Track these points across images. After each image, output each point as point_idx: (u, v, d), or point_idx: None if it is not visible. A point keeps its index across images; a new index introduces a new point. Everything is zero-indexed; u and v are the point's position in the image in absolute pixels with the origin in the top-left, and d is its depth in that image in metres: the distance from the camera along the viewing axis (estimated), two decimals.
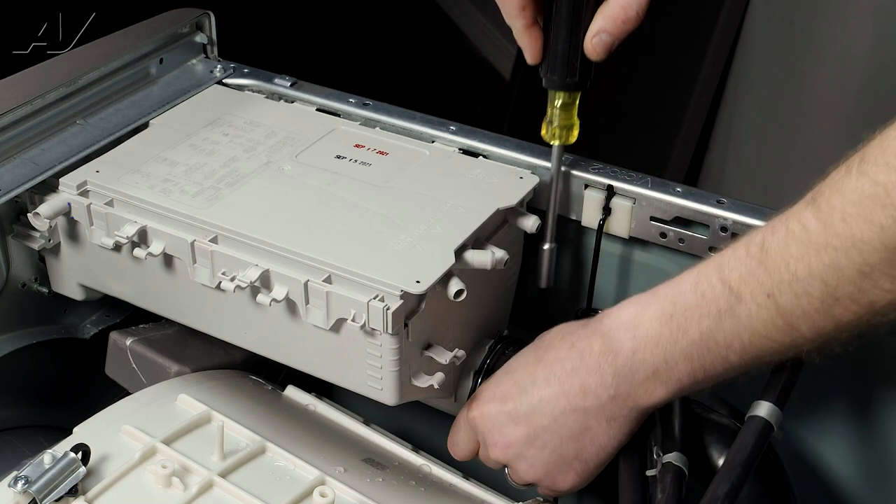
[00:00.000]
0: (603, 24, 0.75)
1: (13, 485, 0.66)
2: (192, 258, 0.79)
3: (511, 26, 0.77)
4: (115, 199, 0.82)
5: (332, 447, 0.78)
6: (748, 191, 1.84)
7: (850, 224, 0.58)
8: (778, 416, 0.68)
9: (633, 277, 0.88)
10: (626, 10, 0.74)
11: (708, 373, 0.67)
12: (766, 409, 0.68)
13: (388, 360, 0.74)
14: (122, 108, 0.93)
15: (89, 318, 0.96)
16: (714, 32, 1.82)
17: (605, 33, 0.75)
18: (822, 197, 0.60)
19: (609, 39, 0.75)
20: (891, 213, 0.56)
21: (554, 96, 0.80)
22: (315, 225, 0.78)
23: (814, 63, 1.63)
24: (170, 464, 0.70)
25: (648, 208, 0.83)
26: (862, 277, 0.58)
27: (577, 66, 0.78)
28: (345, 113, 0.94)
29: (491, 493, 0.80)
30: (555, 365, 0.73)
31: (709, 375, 0.67)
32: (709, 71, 1.86)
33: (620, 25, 0.75)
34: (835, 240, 0.58)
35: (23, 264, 0.89)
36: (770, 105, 1.77)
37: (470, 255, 0.77)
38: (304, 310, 0.76)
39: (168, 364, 0.85)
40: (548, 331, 0.78)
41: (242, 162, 0.86)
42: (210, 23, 1.00)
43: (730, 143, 1.88)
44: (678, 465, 0.70)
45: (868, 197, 0.57)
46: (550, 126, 0.81)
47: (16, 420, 0.92)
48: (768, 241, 0.62)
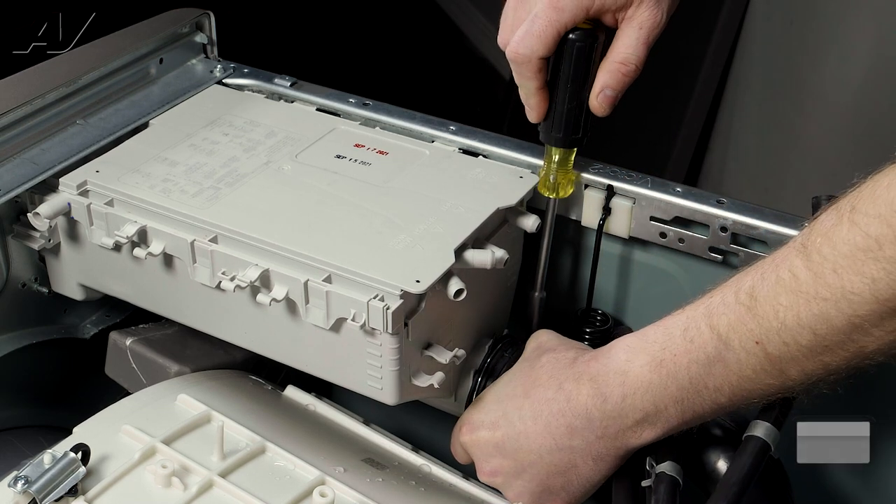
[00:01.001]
0: (606, 79, 0.77)
1: (13, 485, 0.66)
2: (192, 258, 0.79)
3: (521, 86, 0.79)
4: (115, 199, 0.82)
5: (332, 447, 0.78)
6: (748, 191, 1.84)
7: (841, 276, 0.58)
8: (775, 437, 0.68)
9: (633, 277, 0.88)
10: (626, 64, 0.77)
11: (697, 414, 0.68)
12: (764, 429, 0.68)
13: (388, 359, 0.74)
14: (122, 108, 0.93)
15: (89, 318, 0.96)
16: (714, 32, 1.82)
17: (609, 89, 0.77)
18: (813, 246, 0.59)
19: (613, 94, 0.78)
20: (883, 267, 0.56)
21: (552, 152, 0.82)
22: (315, 225, 0.78)
23: (814, 63, 1.63)
24: (170, 464, 0.70)
25: (648, 208, 0.83)
26: (852, 328, 0.58)
27: (582, 124, 0.80)
28: (345, 113, 0.94)
29: (491, 493, 0.80)
30: (542, 404, 0.73)
31: (698, 416, 0.68)
32: (709, 71, 1.86)
33: (622, 78, 0.77)
34: (825, 291, 0.58)
35: (23, 264, 0.89)
36: (770, 105, 1.77)
37: (470, 254, 0.77)
38: (304, 309, 0.76)
39: (168, 364, 0.85)
40: (538, 339, 0.79)
41: (242, 162, 0.86)
42: (210, 23, 1.00)
43: (730, 143, 1.88)
44: (671, 474, 0.70)
45: (860, 249, 0.57)
46: (548, 181, 0.83)
47: (16, 420, 0.92)
48: (757, 288, 0.62)
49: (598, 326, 0.87)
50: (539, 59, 0.77)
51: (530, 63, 0.77)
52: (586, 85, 0.78)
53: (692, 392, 0.67)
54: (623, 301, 0.90)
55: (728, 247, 0.81)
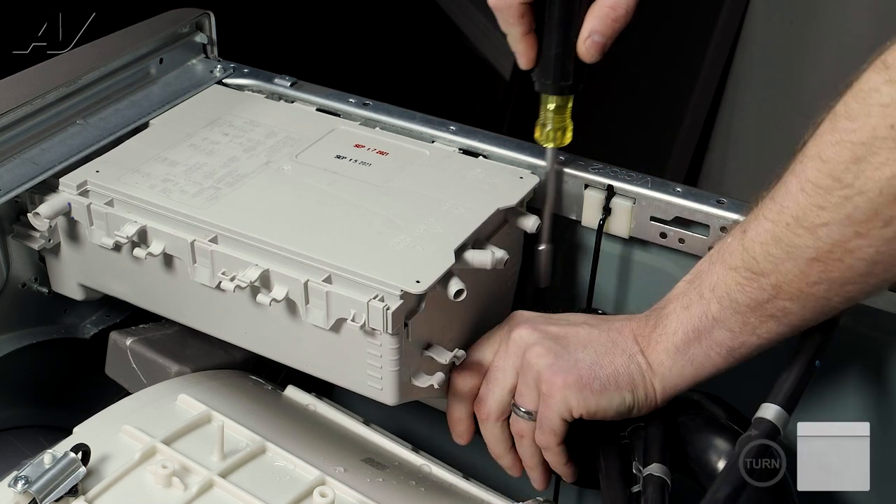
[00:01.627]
0: (594, 24, 0.76)
1: (13, 485, 0.66)
2: (192, 258, 0.79)
3: (507, 33, 0.78)
4: (115, 199, 0.82)
5: (332, 447, 0.78)
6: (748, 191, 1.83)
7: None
8: (785, 420, 0.68)
9: (633, 277, 0.88)
10: (616, 9, 0.75)
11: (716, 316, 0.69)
12: (774, 411, 0.68)
13: (388, 360, 0.74)
14: (122, 108, 0.93)
15: (89, 318, 0.96)
16: (714, 32, 1.82)
17: (596, 34, 0.76)
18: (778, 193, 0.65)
19: (601, 40, 0.76)
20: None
21: (547, 100, 0.81)
22: (315, 225, 0.78)
23: (814, 63, 1.63)
24: (170, 464, 0.70)
25: (648, 208, 0.83)
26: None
27: (571, 69, 0.78)
28: (345, 113, 0.94)
29: (491, 493, 0.80)
30: (597, 320, 0.77)
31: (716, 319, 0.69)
32: (709, 71, 1.86)
33: (611, 24, 0.75)
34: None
35: (23, 264, 0.89)
36: (770, 105, 1.77)
37: (470, 254, 0.77)
38: (304, 310, 0.76)
39: (168, 364, 0.85)
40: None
41: (242, 162, 0.86)
42: (210, 23, 1.00)
43: (730, 143, 1.88)
44: (659, 475, 0.70)
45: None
46: (544, 129, 0.82)
47: (16, 420, 0.92)
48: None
49: None
50: (521, 4, 0.75)
51: (511, 9, 0.76)
52: (573, 29, 0.76)
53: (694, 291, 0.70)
54: (623, 301, 0.90)
55: None
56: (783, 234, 0.63)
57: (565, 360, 0.73)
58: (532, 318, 0.78)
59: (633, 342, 0.73)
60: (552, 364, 0.73)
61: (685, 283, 0.72)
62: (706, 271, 0.70)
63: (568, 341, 0.74)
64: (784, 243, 0.63)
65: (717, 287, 0.68)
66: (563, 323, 0.77)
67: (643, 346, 0.72)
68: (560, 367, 0.73)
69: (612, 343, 0.74)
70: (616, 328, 0.74)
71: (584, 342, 0.74)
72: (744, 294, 0.66)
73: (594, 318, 0.77)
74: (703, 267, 0.71)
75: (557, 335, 0.75)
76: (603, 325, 0.75)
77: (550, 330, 0.76)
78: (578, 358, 0.73)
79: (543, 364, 0.74)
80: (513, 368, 0.76)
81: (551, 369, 0.73)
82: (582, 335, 0.75)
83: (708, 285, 0.69)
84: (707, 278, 0.69)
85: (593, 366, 0.73)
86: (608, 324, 0.75)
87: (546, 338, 0.75)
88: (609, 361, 0.73)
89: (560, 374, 0.73)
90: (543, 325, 0.76)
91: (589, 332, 0.75)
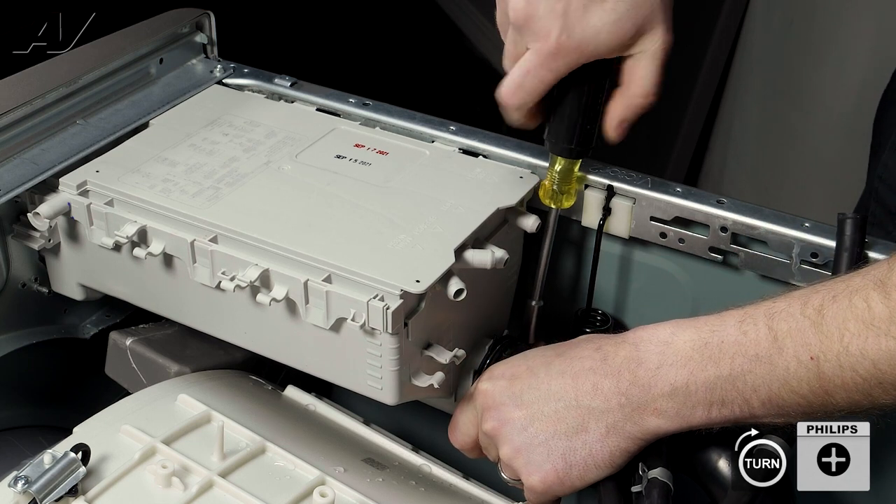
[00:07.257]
0: (624, 114, 0.79)
1: (13, 485, 0.66)
2: (191, 258, 0.79)
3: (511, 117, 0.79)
4: (115, 199, 0.82)
5: (332, 447, 0.78)
6: (748, 191, 1.84)
7: None
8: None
9: (633, 277, 0.88)
10: (646, 98, 0.78)
11: (723, 412, 0.67)
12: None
13: (388, 359, 0.74)
14: (122, 108, 0.93)
15: (89, 318, 0.96)
16: (714, 32, 1.82)
17: (627, 122, 0.79)
18: (892, 284, 0.60)
19: (629, 125, 0.79)
20: None
21: (555, 161, 0.82)
22: (315, 224, 0.78)
23: (814, 63, 1.63)
24: (170, 464, 0.70)
25: (648, 208, 0.83)
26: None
27: (594, 134, 0.80)
28: (345, 113, 0.94)
29: (491, 493, 0.80)
30: (574, 361, 0.72)
31: (722, 415, 0.67)
32: (709, 71, 1.86)
33: (640, 111, 0.79)
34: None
35: (23, 264, 0.89)
36: (770, 105, 1.77)
37: (470, 254, 0.77)
38: (304, 309, 0.76)
39: (168, 364, 0.85)
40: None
41: (242, 162, 0.86)
42: (210, 23, 1.00)
43: (730, 143, 1.88)
44: (663, 480, 0.70)
45: None
46: (548, 189, 0.83)
47: (16, 420, 0.92)
48: (826, 307, 0.62)
49: (598, 326, 0.87)
50: (532, 106, 0.78)
51: (521, 110, 0.78)
52: (599, 106, 0.78)
53: (728, 383, 0.65)
54: (623, 301, 0.90)
55: (728, 247, 0.81)
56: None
57: (537, 453, 0.72)
58: (495, 388, 0.76)
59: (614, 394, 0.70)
60: (527, 464, 0.73)
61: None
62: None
63: (534, 419, 0.73)
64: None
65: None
66: (529, 388, 0.74)
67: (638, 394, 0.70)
68: (534, 467, 0.72)
69: (585, 411, 0.71)
70: (590, 381, 0.71)
71: (552, 416, 0.72)
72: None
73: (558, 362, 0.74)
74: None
75: (522, 409, 0.73)
76: (568, 371, 0.72)
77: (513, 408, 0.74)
78: (550, 448, 0.72)
79: (519, 463, 0.73)
80: (475, 426, 0.77)
81: (527, 469, 0.73)
82: (548, 411, 0.72)
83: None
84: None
85: (566, 454, 0.72)
86: (574, 369, 0.72)
87: (509, 423, 0.73)
88: (582, 443, 0.71)
89: (537, 475, 0.72)
90: (506, 397, 0.74)
91: (555, 406, 0.72)
